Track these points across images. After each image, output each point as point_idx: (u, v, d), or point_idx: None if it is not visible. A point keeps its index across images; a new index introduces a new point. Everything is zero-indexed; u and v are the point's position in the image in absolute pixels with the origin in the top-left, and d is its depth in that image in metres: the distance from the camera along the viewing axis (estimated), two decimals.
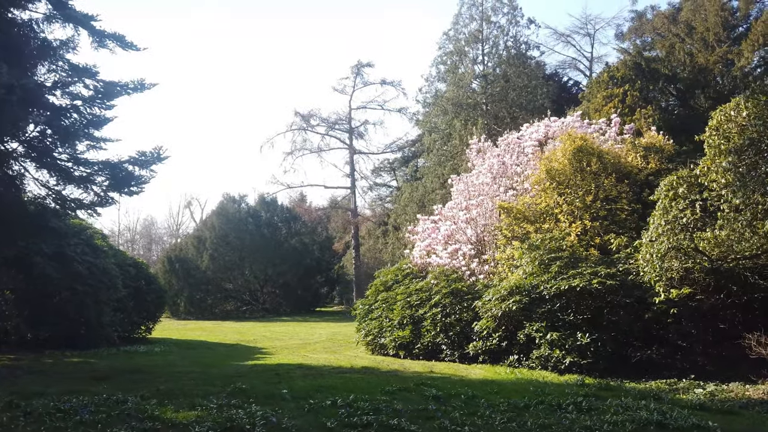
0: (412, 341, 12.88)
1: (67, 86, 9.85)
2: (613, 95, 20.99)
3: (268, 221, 38.20)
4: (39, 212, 10.39)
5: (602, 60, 40.76)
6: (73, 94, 9.93)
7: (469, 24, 33.36)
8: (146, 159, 9.45)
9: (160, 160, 9.50)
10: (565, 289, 9.97)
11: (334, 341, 19.66)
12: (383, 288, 15.12)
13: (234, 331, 25.06)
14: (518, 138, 18.29)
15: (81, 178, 9.31)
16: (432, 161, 32.52)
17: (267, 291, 38.62)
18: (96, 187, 9.43)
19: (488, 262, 13.37)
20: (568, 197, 12.23)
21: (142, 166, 9.56)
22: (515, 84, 31.79)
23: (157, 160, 9.51)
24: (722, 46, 20.82)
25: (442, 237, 15.16)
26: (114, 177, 9.49)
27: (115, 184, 9.52)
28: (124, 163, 9.54)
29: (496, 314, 10.65)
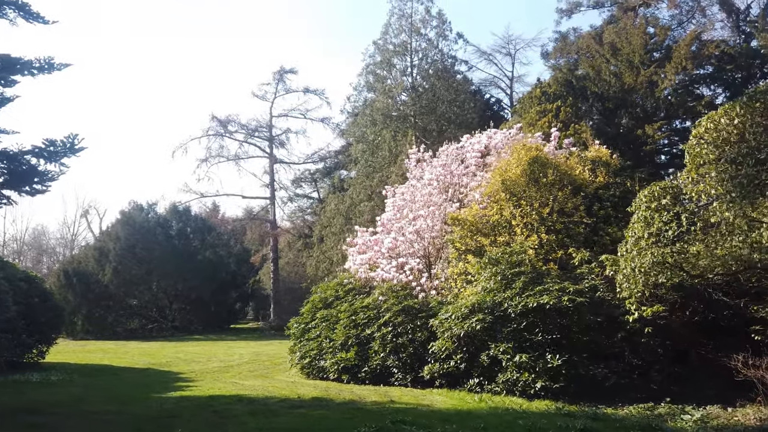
0: (358, 364, 11.74)
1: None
2: (546, 110, 21.09)
3: (180, 232, 35.55)
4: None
5: (522, 80, 42.00)
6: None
7: (399, 35, 32.95)
8: (56, 150, 7.68)
9: (74, 151, 7.78)
10: (533, 306, 9.28)
11: (259, 363, 18.05)
12: (322, 305, 13.87)
13: (142, 352, 22.63)
14: (458, 149, 17.80)
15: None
16: (360, 172, 31.58)
17: (177, 307, 35.80)
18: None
19: (438, 277, 12.53)
20: (524, 209, 11.66)
21: (50, 158, 7.79)
22: (444, 97, 31.68)
23: (71, 152, 7.78)
24: (647, 68, 21.59)
25: (386, 250, 14.17)
26: (11, 171, 7.65)
27: (11, 181, 7.68)
28: (25, 154, 7.72)
29: (458, 334, 9.77)
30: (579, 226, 11.60)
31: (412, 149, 18.68)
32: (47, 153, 7.67)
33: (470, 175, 15.13)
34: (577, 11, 30.36)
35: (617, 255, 9.98)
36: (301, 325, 14.21)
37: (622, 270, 8.19)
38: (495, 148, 16.63)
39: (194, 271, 34.48)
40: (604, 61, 22.96)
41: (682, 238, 7.29)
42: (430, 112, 30.84)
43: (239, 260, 39.51)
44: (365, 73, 34.00)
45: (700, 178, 7.50)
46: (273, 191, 45.05)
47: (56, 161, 7.81)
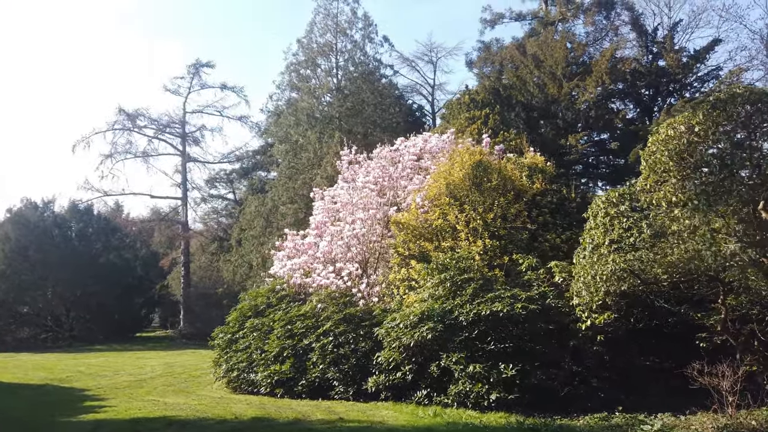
0: (294, 377, 10.94)
1: None
2: (475, 117, 21.25)
3: (80, 233, 32.60)
4: None
5: (443, 87, 42.60)
6: None
7: (324, 34, 32.27)
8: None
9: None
10: (486, 314, 8.98)
11: (175, 376, 16.66)
12: (252, 313, 12.92)
13: (36, 365, 20.35)
14: (392, 152, 17.44)
15: None
16: (282, 174, 30.50)
17: (75, 315, 32.72)
18: None
19: (379, 283, 12.00)
20: (469, 214, 11.41)
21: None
22: (370, 101, 31.34)
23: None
24: (568, 80, 22.35)
25: (322, 254, 13.46)
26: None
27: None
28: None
29: (407, 344, 9.28)
30: (522, 232, 11.51)
31: (344, 150, 18.07)
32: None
33: (407, 178, 14.77)
34: (500, 22, 31.12)
35: (563, 262, 9.97)
36: (228, 335, 13.17)
37: (579, 277, 8.05)
38: (430, 152, 16.42)
39: (96, 275, 31.73)
40: (528, 71, 23.54)
41: (642, 246, 7.23)
42: (355, 114, 30.36)
43: (147, 264, 36.95)
44: (289, 71, 33.02)
45: (656, 186, 7.50)
46: (185, 191, 42.70)
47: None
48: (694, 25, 30.10)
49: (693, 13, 30.77)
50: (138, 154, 41.82)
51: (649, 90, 26.10)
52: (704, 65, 25.36)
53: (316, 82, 32.12)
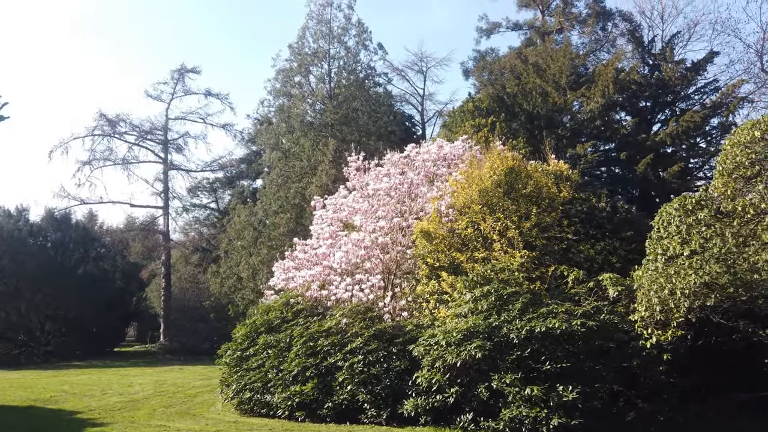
0: (318, 399, 10.02)
1: None
2: (481, 125, 20.69)
3: (57, 242, 30.94)
4: None
5: (433, 98, 42.14)
6: None
7: (317, 40, 31.53)
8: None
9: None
10: (540, 331, 8.25)
11: (170, 396, 15.52)
12: (265, 329, 11.95)
13: (14, 384, 18.93)
14: (403, 158, 16.75)
15: None
16: (273, 182, 29.48)
17: (51, 329, 30.95)
18: None
19: (405, 296, 11.19)
20: (504, 223, 10.72)
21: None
22: (364, 108, 30.64)
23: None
24: (574, 89, 22.02)
25: (339, 265, 12.60)
26: None
27: None
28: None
29: (452, 363, 8.48)
30: (561, 242, 10.86)
31: (352, 157, 17.27)
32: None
33: (426, 184, 14.05)
34: (496, 31, 30.83)
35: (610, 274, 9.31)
36: (237, 353, 12.16)
37: (649, 291, 7.38)
38: (445, 158, 15.76)
39: (73, 287, 30.10)
40: (530, 80, 23.14)
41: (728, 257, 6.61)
42: (350, 122, 29.59)
43: (127, 276, 35.33)
44: (280, 77, 32.11)
45: (737, 191, 6.90)
46: (167, 200, 41.20)
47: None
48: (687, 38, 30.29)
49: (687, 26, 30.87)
50: (117, 161, 40.33)
51: (648, 101, 25.98)
52: (703, 77, 25.35)
53: (308, 89, 31.31)
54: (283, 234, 27.96)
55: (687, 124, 20.85)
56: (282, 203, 28.67)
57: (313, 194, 27.63)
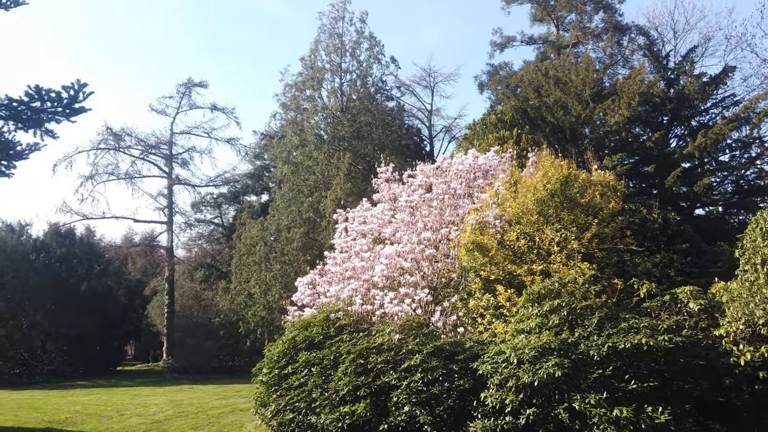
0: (371, 420, 9.37)
1: None
2: (505, 137, 20.31)
3: (63, 258, 30.09)
4: None
5: (440, 113, 41.88)
6: None
7: (330, 54, 31.24)
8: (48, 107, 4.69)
9: (74, 111, 4.82)
10: (625, 348, 7.70)
11: (192, 416, 14.83)
12: (306, 345, 11.31)
13: (22, 405, 18.10)
14: (435, 170, 16.32)
15: None
16: (284, 196, 28.91)
17: (53, 347, 29.98)
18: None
19: (456, 310, 10.61)
20: (563, 234, 10.21)
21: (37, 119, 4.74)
22: (377, 122, 30.29)
23: (69, 111, 4.83)
24: (597, 102, 21.73)
25: (380, 278, 12.02)
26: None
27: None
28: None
29: (527, 382, 7.89)
30: (624, 253, 10.37)
31: (381, 168, 16.83)
32: (31, 111, 4.72)
33: (466, 196, 13.56)
34: (509, 45, 30.64)
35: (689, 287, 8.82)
36: (276, 371, 11.50)
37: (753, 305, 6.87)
38: (479, 169, 15.32)
39: (77, 304, 29.23)
40: (552, 93, 22.86)
41: None
42: (363, 136, 29.19)
43: (131, 292, 34.45)
44: (293, 91, 31.75)
45: None
46: (171, 215, 40.51)
47: (37, 127, 4.90)
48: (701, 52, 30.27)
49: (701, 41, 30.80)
50: (121, 176, 39.71)
51: (666, 115, 25.77)
52: (723, 90, 25.21)
53: (321, 102, 30.95)
54: (296, 249, 27.36)
55: (715, 137, 20.58)
56: (294, 217, 28.11)
57: (327, 208, 27.13)
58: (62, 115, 4.92)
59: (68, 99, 4.91)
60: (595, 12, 28.15)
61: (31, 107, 4.79)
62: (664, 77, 27.09)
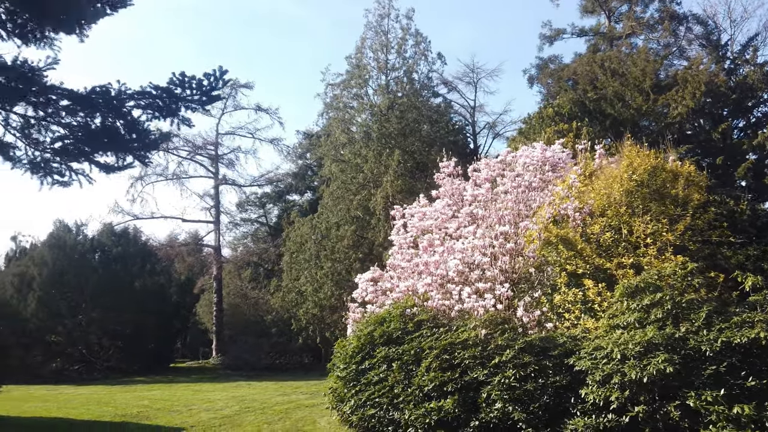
0: (460, 416, 9.20)
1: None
2: (564, 130, 19.88)
3: (118, 257, 30.80)
4: None
5: (483, 109, 41.43)
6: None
7: (376, 51, 31.18)
8: (188, 95, 4.68)
9: (211, 99, 4.79)
10: (740, 343, 7.34)
11: (261, 412, 14.87)
12: (382, 340, 11.20)
13: (91, 400, 18.50)
14: (500, 163, 16.04)
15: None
16: (333, 194, 28.98)
17: (109, 344, 30.68)
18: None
19: (540, 305, 10.34)
20: (655, 226, 9.85)
21: (173, 107, 4.76)
22: (424, 119, 30.12)
23: (207, 99, 4.81)
24: (657, 93, 21.13)
25: (455, 272, 11.83)
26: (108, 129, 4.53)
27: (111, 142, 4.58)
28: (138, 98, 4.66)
29: (635, 379, 7.59)
30: (716, 246, 9.95)
31: (443, 162, 16.61)
32: (169, 99, 4.74)
33: (539, 189, 13.26)
34: (559, 38, 30.05)
35: None
36: (352, 367, 11.43)
37: None
38: (549, 162, 14.99)
39: (132, 302, 29.83)
40: (609, 85, 22.30)
41: None
42: (411, 133, 29.04)
43: (182, 291, 35.03)
44: (339, 89, 31.81)
45: None
46: (218, 215, 41.20)
47: (174, 115, 4.92)
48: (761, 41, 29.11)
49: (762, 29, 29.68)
50: (169, 177, 40.53)
51: (729, 106, 24.89)
52: None
53: (367, 100, 30.92)
54: (347, 247, 27.38)
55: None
56: (343, 215, 28.15)
57: (377, 206, 27.06)
58: (198, 103, 4.92)
59: (207, 86, 4.90)
60: (650, 1, 27.39)
61: (172, 95, 4.79)
62: (723, 67, 26.20)
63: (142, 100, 4.89)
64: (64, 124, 4.97)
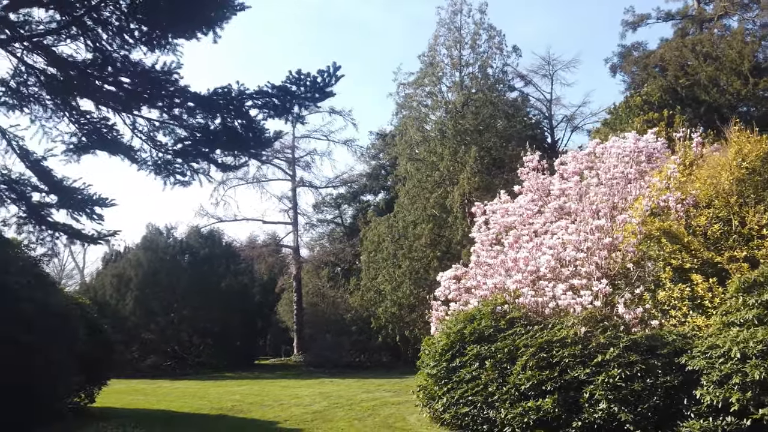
0: (560, 416, 8.92)
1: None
2: (654, 119, 18.90)
3: (206, 258, 32.22)
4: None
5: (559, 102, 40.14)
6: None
7: (449, 48, 30.92)
8: (312, 89, 4.81)
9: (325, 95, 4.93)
10: None
11: (348, 408, 15.04)
12: (473, 338, 11.04)
13: (186, 393, 19.43)
14: (587, 155, 15.50)
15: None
16: (409, 193, 28.99)
17: (199, 341, 32.17)
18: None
19: (643, 302, 9.85)
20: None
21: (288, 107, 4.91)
22: (500, 114, 29.57)
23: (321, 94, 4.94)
24: (756, 76, 19.68)
25: (547, 268, 11.49)
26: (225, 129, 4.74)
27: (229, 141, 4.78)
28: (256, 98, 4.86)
29: (761, 379, 7.06)
30: None
31: (527, 157, 16.23)
32: (284, 97, 4.88)
33: (635, 180, 12.68)
34: (643, 24, 28.65)
35: None
36: (442, 364, 11.34)
37: None
38: (641, 152, 14.31)
39: (219, 301, 31.12)
40: (702, 70, 20.97)
41: None
42: (488, 128, 28.58)
43: (264, 290, 36.20)
44: (410, 87, 31.81)
45: None
46: (296, 216, 42.24)
47: (287, 113, 5.07)
48: None
49: None
50: (249, 180, 41.95)
51: None
52: None
53: (441, 97, 30.72)
54: (424, 245, 27.31)
55: None
56: (420, 214, 28.12)
57: (454, 203, 26.82)
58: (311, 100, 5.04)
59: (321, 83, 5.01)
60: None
61: (287, 93, 4.92)
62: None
63: (259, 100, 5.07)
64: (186, 126, 5.26)
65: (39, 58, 5.11)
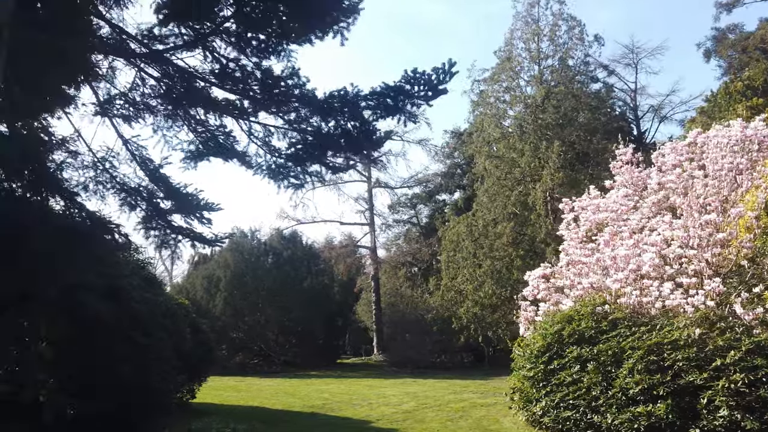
0: (674, 423, 8.40)
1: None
2: (759, 105, 17.56)
3: (289, 259, 33.12)
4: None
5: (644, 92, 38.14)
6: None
7: (527, 41, 30.16)
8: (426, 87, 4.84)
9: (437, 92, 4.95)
10: None
11: (437, 408, 14.92)
12: (572, 340, 10.63)
13: (278, 391, 19.99)
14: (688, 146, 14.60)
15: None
16: (489, 191, 28.49)
17: (284, 340, 33.12)
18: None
19: (763, 302, 9.11)
20: None
21: (405, 101, 4.98)
22: (582, 106, 28.50)
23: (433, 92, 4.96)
24: None
25: (651, 266, 10.88)
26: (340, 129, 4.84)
27: (350, 142, 4.89)
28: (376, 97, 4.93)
29: None
30: None
31: (620, 149, 15.52)
32: (396, 96, 4.93)
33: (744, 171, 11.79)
34: (739, 4, 26.76)
35: None
36: (539, 367, 11.00)
37: None
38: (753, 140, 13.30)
39: (301, 301, 31.90)
40: None
41: None
42: (570, 122, 27.62)
43: (344, 290, 36.77)
44: (486, 83, 31.29)
45: None
46: (372, 217, 42.61)
47: (399, 113, 5.11)
48: None
49: None
50: (327, 182, 42.66)
51: None
52: None
53: (520, 92, 30.02)
54: (506, 244, 26.77)
55: None
56: (500, 212, 27.58)
57: (536, 200, 26.10)
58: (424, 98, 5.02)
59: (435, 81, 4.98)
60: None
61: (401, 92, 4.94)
62: None
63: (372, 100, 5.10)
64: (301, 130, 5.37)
65: (158, 69, 5.38)
